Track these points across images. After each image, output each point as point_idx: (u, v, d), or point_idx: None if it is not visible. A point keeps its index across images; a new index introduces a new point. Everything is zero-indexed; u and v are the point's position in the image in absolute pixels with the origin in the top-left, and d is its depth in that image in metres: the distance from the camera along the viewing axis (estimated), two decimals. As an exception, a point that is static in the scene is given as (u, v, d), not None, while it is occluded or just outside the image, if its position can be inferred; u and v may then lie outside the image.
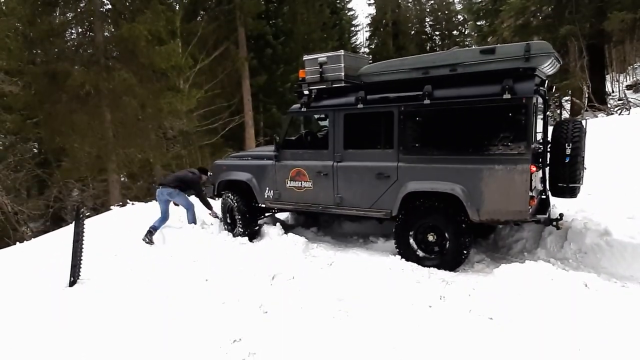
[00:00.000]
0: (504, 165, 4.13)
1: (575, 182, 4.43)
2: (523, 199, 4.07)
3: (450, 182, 4.43)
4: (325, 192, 5.33)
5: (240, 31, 20.12)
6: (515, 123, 4.06)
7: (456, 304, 3.63)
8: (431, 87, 4.47)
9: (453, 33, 46.47)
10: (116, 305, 4.08)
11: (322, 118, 5.90)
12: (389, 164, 4.82)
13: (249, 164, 6.11)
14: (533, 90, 4.04)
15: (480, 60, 4.23)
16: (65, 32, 15.13)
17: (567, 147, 4.32)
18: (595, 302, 3.26)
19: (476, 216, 4.36)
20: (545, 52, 4.03)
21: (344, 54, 5.23)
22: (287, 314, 3.59)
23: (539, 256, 4.76)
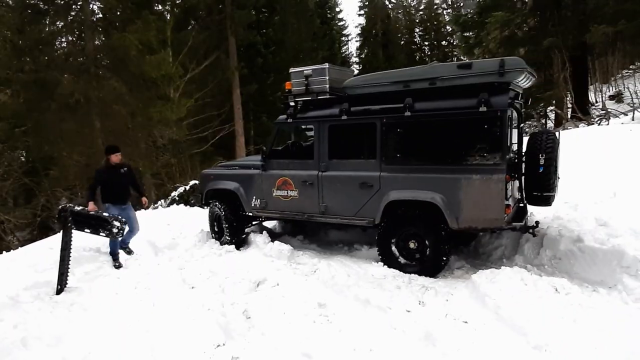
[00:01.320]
0: (480, 174, 4.30)
1: (548, 190, 4.60)
2: (499, 207, 4.23)
3: (431, 191, 4.59)
4: (310, 201, 5.46)
5: (231, 41, 20.31)
6: (491, 134, 4.25)
7: (434, 309, 3.76)
8: (412, 100, 4.64)
9: (442, 43, 47.26)
10: (103, 313, 4.14)
11: (307, 129, 6.04)
12: (372, 174, 4.97)
13: (236, 173, 6.21)
14: (507, 103, 4.22)
15: (458, 75, 4.41)
16: (55, 41, 15.26)
17: (540, 158, 4.49)
18: (563, 305, 3.41)
19: (455, 224, 4.51)
20: (518, 67, 4.23)
21: (329, 67, 5.38)
22: (270, 319, 3.68)
23: (517, 262, 4.91)
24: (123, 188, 5.80)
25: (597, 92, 21.21)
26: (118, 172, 5.71)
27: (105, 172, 5.69)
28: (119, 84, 14.53)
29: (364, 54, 45.55)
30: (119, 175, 5.72)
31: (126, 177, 5.82)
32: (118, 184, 5.71)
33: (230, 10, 19.70)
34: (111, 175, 5.67)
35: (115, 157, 5.65)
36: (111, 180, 5.66)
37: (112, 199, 5.69)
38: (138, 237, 6.69)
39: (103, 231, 4.92)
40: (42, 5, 14.16)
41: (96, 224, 4.97)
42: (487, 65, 4.32)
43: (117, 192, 5.71)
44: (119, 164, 5.73)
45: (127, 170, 5.85)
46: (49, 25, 14.88)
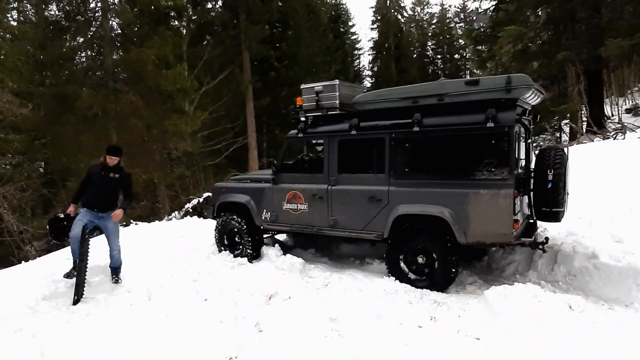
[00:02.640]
0: (488, 189, 4.33)
1: (557, 206, 4.60)
2: (507, 222, 4.25)
3: (439, 206, 4.62)
4: (319, 214, 5.51)
5: (245, 55, 20.67)
6: (499, 150, 4.30)
7: (445, 325, 3.74)
8: (420, 116, 4.71)
9: (454, 57, 47.30)
10: (118, 323, 4.21)
11: (318, 143, 6.11)
12: (381, 188, 5.03)
13: (248, 187, 6.28)
14: (514, 119, 4.28)
15: (466, 91, 4.49)
16: (75, 56, 15.67)
17: (549, 173, 4.51)
18: (578, 324, 3.37)
19: (463, 238, 4.52)
20: (525, 84, 4.30)
21: (339, 83, 5.48)
22: (281, 332, 3.71)
23: (530, 278, 4.87)
24: (105, 194, 5.21)
25: (613, 106, 20.97)
26: (107, 176, 5.16)
27: (94, 171, 5.18)
28: (135, 98, 14.86)
29: (377, 67, 45.80)
30: (106, 179, 5.16)
31: (114, 184, 5.23)
32: (101, 187, 5.15)
33: (244, 26, 20.10)
34: (99, 177, 5.14)
35: (110, 159, 5.14)
36: (96, 181, 5.13)
37: (88, 202, 5.15)
38: (152, 249, 6.79)
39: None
40: (64, 22, 14.65)
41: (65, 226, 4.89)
42: (495, 81, 4.40)
43: (97, 196, 5.16)
44: (112, 167, 5.19)
45: (119, 177, 5.24)
46: (70, 41, 15.36)
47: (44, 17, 14.77)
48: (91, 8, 14.96)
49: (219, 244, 6.47)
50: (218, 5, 21.78)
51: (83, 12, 14.85)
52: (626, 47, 12.42)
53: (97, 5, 14.89)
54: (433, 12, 51.36)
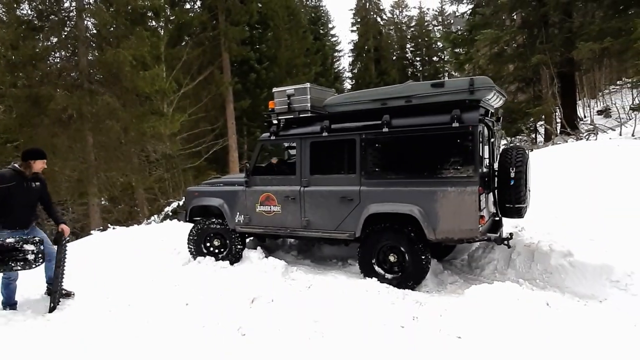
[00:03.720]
0: (455, 187, 4.55)
1: (520, 202, 4.84)
2: (473, 218, 4.46)
3: (409, 204, 4.80)
4: (293, 216, 5.58)
5: (225, 56, 20.52)
6: (464, 149, 4.52)
7: (427, 324, 3.78)
8: (389, 117, 4.90)
9: (433, 59, 47.96)
10: (96, 330, 4.11)
11: (290, 146, 6.18)
12: (352, 188, 5.17)
13: (221, 190, 6.25)
14: (478, 119, 4.50)
15: (432, 93, 4.71)
16: (49, 56, 15.24)
17: (511, 171, 4.76)
18: (555, 320, 3.46)
19: (432, 235, 4.71)
20: (487, 86, 4.55)
21: (310, 86, 5.62)
22: (264, 336, 3.68)
23: (509, 277, 4.99)
24: (29, 208, 4.47)
25: (586, 107, 21.61)
26: (29, 186, 4.37)
27: (9, 182, 4.23)
28: (112, 99, 14.56)
29: (357, 69, 46.09)
30: (28, 191, 4.37)
31: (37, 194, 4.51)
32: (25, 202, 4.36)
33: (224, 27, 19.95)
34: (18, 189, 4.27)
35: (41, 163, 4.44)
36: (16, 194, 4.25)
37: (10, 221, 4.31)
38: (131, 254, 6.67)
39: (17, 264, 3.99)
40: (37, 22, 14.24)
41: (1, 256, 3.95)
42: (458, 84, 4.64)
43: (21, 212, 4.36)
44: (35, 175, 4.46)
45: (39, 185, 4.52)
46: (43, 41, 14.91)
47: (16, 17, 14.32)
48: (65, 7, 14.58)
49: (195, 249, 6.26)
50: (197, 5, 21.57)
51: (57, 12, 14.46)
52: (597, 50, 12.83)
53: (71, 5, 14.53)
54: (412, 15, 52.06)
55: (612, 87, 23.45)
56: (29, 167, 4.34)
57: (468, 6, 20.04)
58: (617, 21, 12.63)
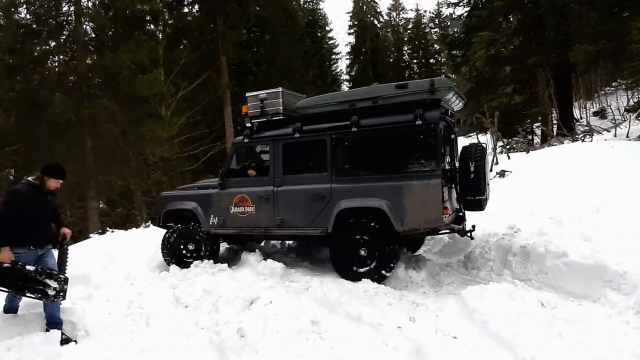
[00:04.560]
0: (420, 180, 4.87)
1: (480, 195, 5.23)
2: (437, 209, 4.78)
3: (377, 199, 5.06)
4: (267, 215, 5.73)
5: (222, 59, 20.54)
6: (427, 145, 4.85)
7: (424, 325, 3.84)
8: (357, 117, 5.19)
9: (430, 61, 48.15)
10: (96, 333, 4.15)
11: (263, 150, 6.27)
12: (324, 186, 5.39)
13: (194, 193, 6.33)
14: (439, 117, 4.88)
15: (396, 94, 5.06)
16: (47, 60, 15.27)
17: (471, 166, 5.14)
18: (549, 320, 3.52)
19: (400, 227, 4.98)
20: (446, 86, 4.95)
21: (282, 90, 5.82)
22: (263, 337, 3.73)
23: (505, 277, 5.04)
24: (47, 224, 4.20)
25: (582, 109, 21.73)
26: (45, 201, 4.11)
27: (28, 196, 3.96)
28: (110, 103, 14.60)
29: (354, 71, 46.23)
30: (44, 206, 4.11)
31: (51, 207, 4.26)
32: (41, 218, 4.07)
33: (221, 30, 19.97)
34: (34, 205, 3.99)
35: (55, 183, 4.16)
36: (31, 211, 3.96)
37: (29, 239, 3.99)
38: (129, 257, 6.70)
39: (34, 293, 3.81)
40: (35, 26, 14.27)
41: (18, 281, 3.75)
42: (420, 85, 5.00)
43: (40, 229, 4.07)
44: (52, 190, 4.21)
45: (52, 199, 4.25)
46: (42, 45, 14.95)
47: (14, 21, 14.35)
48: (64, 12, 14.61)
49: (170, 254, 6.17)
50: (195, 9, 21.61)
51: (55, 16, 14.50)
52: (592, 52, 12.93)
53: (70, 9, 14.57)
54: (408, 18, 52.30)
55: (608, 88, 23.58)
56: (43, 183, 4.08)
57: (464, 9, 20.18)
58: (612, 24, 12.74)
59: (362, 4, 47.47)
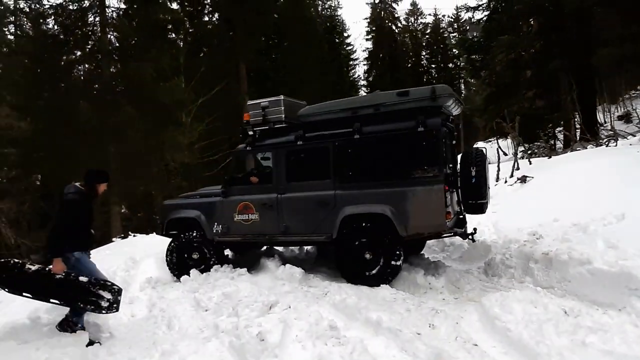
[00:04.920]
0: (422, 186, 4.96)
1: (482, 198, 5.33)
2: (441, 213, 4.87)
3: (381, 204, 5.14)
4: (271, 222, 5.78)
5: (241, 66, 20.83)
6: (429, 151, 4.95)
7: (444, 331, 3.81)
8: (360, 124, 5.27)
9: (448, 66, 47.77)
10: (118, 335, 4.25)
11: (265, 157, 6.29)
12: (327, 192, 5.47)
13: (197, 202, 6.36)
14: (440, 123, 4.98)
15: (398, 101, 5.14)
16: (73, 69, 15.72)
17: (472, 170, 5.22)
18: (573, 328, 3.45)
19: (404, 232, 5.06)
20: (446, 93, 5.04)
21: (284, 98, 5.87)
22: (283, 341, 3.75)
23: (527, 284, 4.95)
24: (90, 228, 4.36)
25: (606, 113, 21.23)
26: (91, 206, 4.32)
27: (84, 204, 4.15)
28: (133, 110, 14.92)
29: (372, 77, 46.18)
30: (91, 211, 4.32)
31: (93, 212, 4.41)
32: (89, 222, 4.25)
33: (240, 38, 20.28)
34: (88, 210, 4.21)
35: (104, 186, 4.32)
36: (86, 216, 4.19)
37: (84, 244, 4.17)
38: (151, 261, 6.82)
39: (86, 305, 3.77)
40: (62, 36, 14.74)
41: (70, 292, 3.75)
42: (421, 92, 5.08)
43: (87, 233, 4.22)
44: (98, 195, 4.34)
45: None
46: (68, 54, 15.41)
47: (42, 31, 14.87)
48: (90, 22, 15.06)
49: (174, 263, 6.17)
50: (215, 17, 22.01)
51: (81, 26, 14.95)
52: (616, 56, 12.65)
53: (95, 19, 15.01)
54: (427, 22, 52.02)
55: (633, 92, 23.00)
56: (94, 190, 4.21)
57: (484, 13, 20.02)
58: (637, 27, 12.44)
59: (380, 9, 47.49)
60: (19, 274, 3.85)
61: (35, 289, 3.83)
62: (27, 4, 15.58)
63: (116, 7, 15.70)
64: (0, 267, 3.92)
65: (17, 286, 3.84)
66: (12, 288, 3.87)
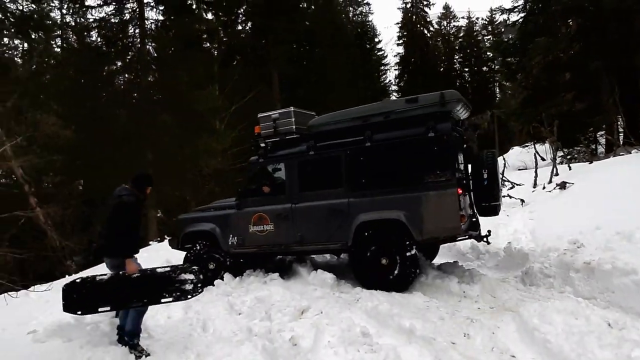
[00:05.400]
0: (436, 191, 4.97)
1: (495, 200, 5.36)
2: (455, 217, 4.88)
3: (395, 210, 5.16)
4: (286, 232, 5.82)
5: (274, 74, 21.17)
6: (440, 155, 4.97)
7: (480, 342, 3.72)
8: (371, 132, 5.33)
9: (482, 69, 46.75)
10: (155, 336, 4.38)
11: (277, 168, 6.33)
12: (341, 201, 5.50)
13: (211, 215, 6.42)
14: (450, 128, 5.01)
15: (407, 108, 5.19)
16: (114, 79, 16.44)
17: (484, 173, 5.29)
18: (617, 341, 3.29)
19: (419, 236, 5.07)
20: (455, 98, 5.11)
21: (294, 110, 5.95)
22: (315, 347, 3.76)
23: (568, 295, 4.76)
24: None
25: (652, 116, 20.18)
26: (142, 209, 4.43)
27: (138, 207, 4.21)
28: (169, 118, 15.43)
29: (403, 82, 45.80)
30: (142, 214, 4.47)
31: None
32: (140, 224, 4.36)
33: (272, 46, 20.64)
34: (140, 213, 4.33)
35: (150, 190, 4.38)
36: (139, 218, 4.32)
37: (137, 247, 4.17)
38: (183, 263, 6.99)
39: (169, 295, 3.69)
40: (104, 48, 15.48)
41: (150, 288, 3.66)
42: (430, 98, 5.13)
43: (138, 236, 4.31)
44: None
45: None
46: (109, 65, 16.14)
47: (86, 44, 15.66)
48: (130, 34, 15.76)
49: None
50: (247, 27, 22.50)
51: (122, 38, 15.66)
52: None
53: (135, 31, 15.69)
54: (460, 26, 51.11)
55: (683, 93, 21.74)
56: (144, 193, 4.28)
57: (520, 14, 19.51)
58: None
59: (412, 14, 47.13)
60: (93, 289, 3.64)
61: (114, 298, 3.63)
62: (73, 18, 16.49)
63: (154, 18, 16.39)
64: (69, 289, 3.63)
65: (92, 303, 3.60)
66: (85, 308, 3.62)
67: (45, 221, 12.83)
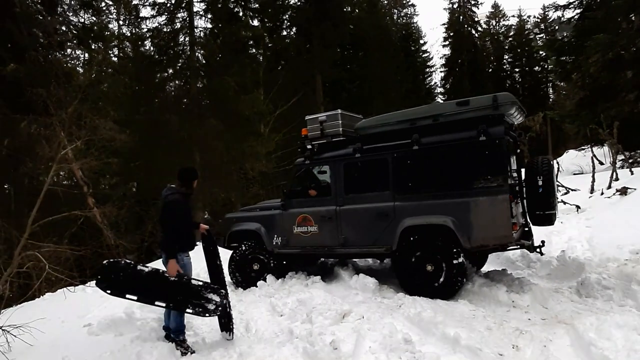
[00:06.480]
0: (486, 196, 4.80)
1: (550, 209, 5.12)
2: (507, 225, 4.70)
3: (442, 215, 5.03)
4: (330, 234, 5.80)
5: (317, 78, 21.34)
6: (492, 160, 4.80)
7: (530, 354, 3.55)
8: (418, 135, 5.21)
9: (534, 69, 44.76)
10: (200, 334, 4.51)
11: (323, 170, 6.31)
12: (387, 204, 5.42)
13: (257, 215, 6.51)
14: (503, 132, 4.82)
15: (457, 111, 5.07)
16: (166, 86, 17.21)
17: (539, 180, 5.05)
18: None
19: (468, 244, 4.92)
20: (509, 101, 4.90)
21: (341, 112, 5.96)
22: (356, 351, 3.73)
23: (629, 309, 4.43)
24: (192, 228, 4.44)
25: None
26: (190, 205, 4.38)
27: (186, 204, 4.22)
28: (217, 122, 15.92)
29: (449, 84, 44.69)
30: (191, 210, 4.41)
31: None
32: (190, 221, 4.38)
33: (317, 50, 20.80)
34: (188, 210, 4.31)
35: (196, 183, 4.39)
36: (188, 216, 4.29)
37: (189, 244, 4.25)
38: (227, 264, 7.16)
39: (193, 308, 3.78)
40: (157, 56, 16.25)
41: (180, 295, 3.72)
42: (483, 101, 4.96)
43: (190, 233, 4.27)
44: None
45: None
46: (161, 72, 16.92)
47: (140, 53, 16.49)
48: (180, 42, 16.45)
49: (236, 274, 6.28)
50: (292, 32, 22.82)
51: (173, 46, 16.38)
52: None
53: (185, 39, 16.36)
54: (510, 24, 49.24)
55: None
56: (191, 187, 4.31)
57: (575, 11, 18.53)
58: None
59: (459, 14, 45.93)
60: (131, 275, 3.76)
61: (144, 291, 3.73)
62: (129, 29, 17.44)
63: (203, 27, 17.01)
64: (110, 267, 3.79)
65: (123, 288, 3.71)
66: (116, 290, 3.72)
67: (102, 220, 13.57)
